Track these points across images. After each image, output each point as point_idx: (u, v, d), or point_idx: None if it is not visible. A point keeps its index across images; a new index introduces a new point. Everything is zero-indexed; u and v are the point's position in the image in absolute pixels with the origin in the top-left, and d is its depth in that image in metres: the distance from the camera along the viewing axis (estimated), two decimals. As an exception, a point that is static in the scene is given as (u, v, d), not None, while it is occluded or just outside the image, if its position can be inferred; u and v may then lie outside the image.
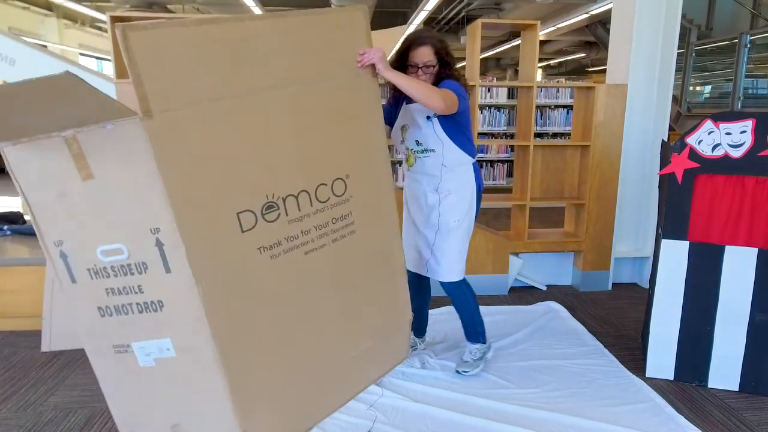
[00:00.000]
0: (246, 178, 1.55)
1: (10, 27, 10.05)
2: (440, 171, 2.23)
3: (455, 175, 2.24)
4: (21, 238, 3.23)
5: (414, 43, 2.15)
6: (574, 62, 17.93)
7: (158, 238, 1.43)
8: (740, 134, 2.14)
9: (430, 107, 2.01)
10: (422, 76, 2.13)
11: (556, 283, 3.70)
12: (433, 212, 2.27)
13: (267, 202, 1.58)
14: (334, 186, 1.74)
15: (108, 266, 1.49)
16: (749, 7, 7.66)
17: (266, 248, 1.60)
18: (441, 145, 2.18)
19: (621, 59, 3.45)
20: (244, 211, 1.54)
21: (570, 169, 3.60)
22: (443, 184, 2.24)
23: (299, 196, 1.65)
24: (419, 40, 2.14)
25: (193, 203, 1.44)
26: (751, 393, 2.28)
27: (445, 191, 2.25)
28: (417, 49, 2.14)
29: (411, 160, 2.30)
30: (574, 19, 9.97)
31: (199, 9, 11.28)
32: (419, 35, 2.19)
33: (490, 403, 2.16)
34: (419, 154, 2.25)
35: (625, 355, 2.62)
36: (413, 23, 10.58)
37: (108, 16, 3.01)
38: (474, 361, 2.42)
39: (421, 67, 2.13)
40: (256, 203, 1.56)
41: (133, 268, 1.48)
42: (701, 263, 2.26)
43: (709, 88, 8.37)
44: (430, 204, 2.28)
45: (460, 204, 2.26)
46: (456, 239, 2.28)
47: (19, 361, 2.56)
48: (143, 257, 1.46)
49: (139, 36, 1.31)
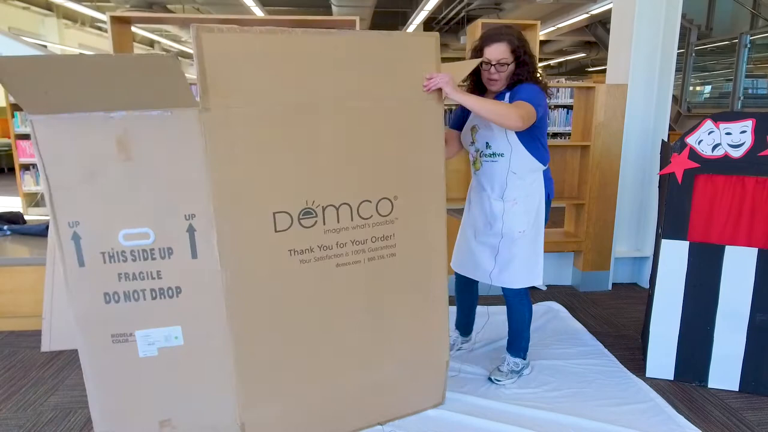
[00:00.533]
0: (288, 181, 1.58)
1: (10, 27, 10.05)
2: (507, 177, 2.12)
3: (524, 183, 2.12)
4: (21, 238, 3.23)
5: (489, 39, 2.04)
6: (574, 62, 17.93)
7: (191, 223, 1.50)
8: (740, 134, 2.14)
9: (507, 127, 1.92)
10: (495, 74, 2.03)
11: (556, 283, 3.70)
12: (497, 221, 2.17)
13: (305, 208, 1.61)
14: (379, 205, 1.72)
15: (127, 250, 1.51)
16: (749, 7, 7.66)
17: (297, 252, 1.62)
18: (510, 150, 2.08)
19: (621, 59, 3.45)
20: (281, 212, 1.58)
21: (570, 169, 3.60)
22: (509, 191, 2.13)
23: (340, 208, 1.66)
24: (495, 37, 2.03)
25: (232, 195, 1.50)
26: (751, 393, 2.28)
27: (511, 199, 2.14)
28: (491, 45, 2.02)
29: (478, 164, 2.20)
30: (574, 19, 9.97)
31: (199, 9, 11.28)
32: (496, 31, 2.06)
33: (490, 403, 2.16)
34: (487, 158, 2.15)
35: (625, 355, 2.62)
36: (413, 23, 10.57)
37: (108, 16, 3.01)
38: (509, 373, 2.35)
39: (495, 64, 2.02)
40: (294, 207, 1.60)
41: (155, 253, 1.51)
42: (701, 263, 2.26)
43: (709, 88, 8.37)
44: (495, 212, 2.17)
45: (527, 214, 2.14)
46: (520, 249, 2.17)
47: (19, 361, 2.56)
48: (170, 242, 1.51)
49: (210, 37, 1.40)
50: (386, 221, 1.75)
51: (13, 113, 5.89)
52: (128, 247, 1.50)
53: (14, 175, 6.14)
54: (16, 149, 5.91)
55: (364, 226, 1.71)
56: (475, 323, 2.63)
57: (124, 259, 1.51)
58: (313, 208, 1.63)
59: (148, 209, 1.49)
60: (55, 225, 1.47)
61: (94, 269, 1.51)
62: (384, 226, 1.74)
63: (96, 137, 1.42)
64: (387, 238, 1.75)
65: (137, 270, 1.52)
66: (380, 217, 1.73)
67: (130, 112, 1.41)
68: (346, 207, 1.67)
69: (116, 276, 1.52)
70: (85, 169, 1.45)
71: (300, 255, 1.64)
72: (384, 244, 1.76)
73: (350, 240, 1.70)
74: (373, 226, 1.72)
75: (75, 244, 1.49)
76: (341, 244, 1.69)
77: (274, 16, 3.44)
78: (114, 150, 1.43)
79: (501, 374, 2.35)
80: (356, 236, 1.70)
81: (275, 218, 1.58)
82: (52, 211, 1.46)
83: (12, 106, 5.90)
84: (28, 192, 6.07)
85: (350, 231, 1.69)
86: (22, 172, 5.98)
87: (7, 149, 9.15)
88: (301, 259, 1.64)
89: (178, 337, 1.57)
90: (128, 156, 1.44)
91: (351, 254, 1.71)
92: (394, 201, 1.74)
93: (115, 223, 1.49)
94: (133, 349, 1.57)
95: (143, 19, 3.78)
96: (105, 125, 1.41)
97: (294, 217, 1.61)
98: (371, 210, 1.72)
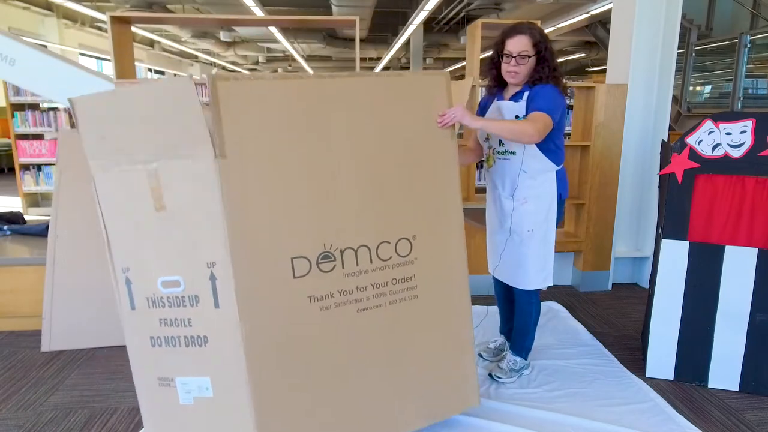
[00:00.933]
0: (305, 226, 1.56)
1: (10, 27, 10.05)
2: (518, 176, 2.12)
3: (535, 182, 2.12)
4: (21, 238, 3.23)
5: (511, 31, 2.05)
6: (574, 62, 17.92)
7: (213, 272, 1.48)
8: (740, 134, 2.14)
9: (526, 143, 1.96)
10: (515, 66, 2.03)
11: (556, 283, 3.69)
12: (507, 219, 2.19)
13: (323, 252, 1.58)
14: (398, 245, 1.70)
15: (165, 297, 1.54)
16: (749, 7, 7.66)
17: (317, 298, 1.59)
18: (522, 149, 2.08)
19: (621, 59, 3.45)
20: (299, 257, 1.55)
21: (570, 169, 3.60)
22: (520, 190, 2.14)
23: (358, 250, 1.63)
24: (517, 29, 2.05)
25: (250, 242, 1.48)
26: (751, 393, 2.28)
27: (521, 198, 2.14)
28: (514, 37, 2.04)
29: (491, 161, 2.21)
30: (574, 19, 9.96)
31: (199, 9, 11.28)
32: (518, 24, 2.08)
33: (490, 403, 2.16)
34: (500, 155, 2.15)
35: (625, 355, 2.62)
36: (413, 23, 10.57)
37: (108, 16, 3.02)
38: (510, 371, 2.35)
39: (516, 56, 2.02)
40: (312, 251, 1.57)
41: (186, 301, 1.53)
42: (701, 263, 2.26)
43: (709, 88, 8.36)
44: (505, 210, 2.20)
45: (536, 213, 2.14)
46: (529, 249, 2.17)
47: (19, 361, 2.56)
48: (196, 290, 1.51)
49: (226, 86, 1.42)
50: (406, 262, 1.71)
51: (13, 113, 5.89)
52: (165, 293, 1.54)
53: (14, 175, 6.14)
54: (16, 149, 5.90)
55: (383, 267, 1.68)
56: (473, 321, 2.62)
57: (163, 305, 1.55)
58: (332, 252, 1.60)
59: (177, 257, 1.52)
60: (113, 270, 1.59)
61: (142, 313, 1.57)
62: (404, 267, 1.71)
63: (137, 190, 1.51)
64: (408, 279, 1.72)
65: (173, 316, 1.55)
66: (400, 258, 1.70)
67: (162, 162, 1.47)
68: (365, 249, 1.65)
69: (158, 321, 1.56)
70: (132, 220, 1.54)
71: (320, 302, 1.60)
72: (405, 285, 1.72)
73: (370, 283, 1.66)
74: (393, 268, 1.69)
75: (127, 288, 1.57)
76: (361, 288, 1.65)
77: (274, 17, 3.44)
78: (150, 200, 1.50)
79: (501, 371, 2.35)
80: (376, 279, 1.67)
81: (293, 264, 1.55)
82: (110, 257, 1.58)
83: (12, 106, 5.90)
84: (28, 192, 6.07)
85: (370, 274, 1.66)
86: (22, 172, 5.98)
87: (7, 149, 9.15)
88: (321, 306, 1.60)
89: (208, 389, 1.56)
90: (162, 205, 1.50)
91: (372, 298, 1.67)
92: (413, 240, 1.72)
93: (155, 270, 1.54)
94: (175, 394, 1.59)
95: (143, 19, 3.79)
96: (144, 178, 1.50)
97: (312, 261, 1.58)
98: (390, 251, 1.69)
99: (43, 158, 5.94)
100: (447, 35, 13.66)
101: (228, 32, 14.37)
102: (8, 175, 9.26)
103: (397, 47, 14.04)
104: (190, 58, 20.15)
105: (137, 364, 1.63)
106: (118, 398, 2.23)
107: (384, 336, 1.71)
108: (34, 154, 5.92)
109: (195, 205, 1.48)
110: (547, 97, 1.99)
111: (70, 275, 2.69)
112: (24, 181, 6.01)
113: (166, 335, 1.56)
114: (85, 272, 2.70)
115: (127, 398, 2.23)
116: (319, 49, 15.67)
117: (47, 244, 2.71)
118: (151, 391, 1.62)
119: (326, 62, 20.56)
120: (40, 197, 6.33)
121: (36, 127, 5.96)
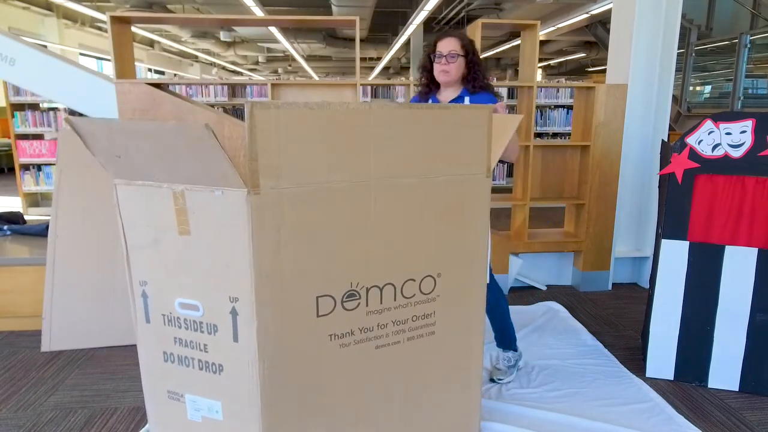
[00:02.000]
0: (333, 264, 1.51)
1: (10, 27, 10.05)
2: None
3: None
4: (21, 238, 3.23)
5: (441, 35, 2.28)
6: (574, 62, 17.92)
7: (235, 306, 1.45)
8: (740, 134, 2.14)
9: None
10: (445, 65, 2.23)
11: (556, 283, 3.70)
12: None
13: (349, 290, 1.54)
14: (422, 283, 1.66)
15: (181, 318, 1.53)
16: (749, 7, 7.66)
17: (338, 336, 1.55)
18: None
19: (621, 59, 3.45)
20: (324, 296, 1.51)
21: (570, 169, 3.60)
22: None
23: (384, 288, 1.59)
24: (446, 33, 2.28)
25: (276, 281, 1.43)
26: (751, 393, 2.28)
27: None
28: (443, 39, 2.26)
29: None
30: (574, 19, 9.96)
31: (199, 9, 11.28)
32: (446, 30, 2.35)
33: (490, 403, 2.16)
34: None
35: (625, 355, 2.62)
36: (413, 23, 10.57)
37: (108, 16, 3.01)
38: (508, 369, 2.38)
39: (446, 55, 2.23)
40: (339, 290, 1.52)
41: (203, 327, 1.51)
42: (701, 263, 2.26)
43: (709, 88, 8.37)
44: None
45: None
46: None
47: (19, 361, 2.56)
48: (216, 320, 1.49)
49: (264, 114, 1.33)
50: (428, 299, 1.68)
51: (13, 113, 5.89)
52: (182, 315, 1.52)
53: (14, 175, 6.14)
54: (16, 149, 5.91)
55: (406, 305, 1.64)
56: None
57: (179, 326, 1.53)
58: (357, 290, 1.55)
59: (198, 283, 1.49)
60: (130, 281, 1.56)
61: (156, 327, 1.56)
62: (426, 304, 1.68)
63: (161, 207, 1.47)
64: (428, 316, 1.69)
65: (188, 338, 1.54)
66: (422, 296, 1.67)
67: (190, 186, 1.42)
68: (390, 287, 1.61)
69: (173, 339, 1.55)
70: (152, 234, 1.50)
71: (340, 339, 1.56)
72: (425, 322, 1.69)
73: (392, 320, 1.63)
74: (415, 305, 1.66)
75: (143, 301, 1.55)
76: (382, 326, 1.62)
77: (275, 17, 3.44)
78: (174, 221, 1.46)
79: (501, 372, 2.36)
80: (397, 316, 1.64)
81: (318, 302, 1.51)
82: (128, 268, 1.55)
83: (12, 106, 5.90)
84: (28, 192, 6.07)
85: (392, 311, 1.63)
86: (22, 172, 5.98)
87: (7, 149, 9.15)
88: (341, 343, 1.56)
89: (218, 412, 1.56)
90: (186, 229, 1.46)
91: (391, 335, 1.64)
92: (437, 278, 1.68)
93: (173, 290, 1.51)
94: (183, 409, 1.58)
95: (143, 19, 3.79)
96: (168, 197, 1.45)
97: (337, 300, 1.53)
98: (414, 289, 1.65)
99: (43, 158, 5.94)
100: (447, 35, 13.64)
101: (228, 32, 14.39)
102: (8, 175, 9.26)
103: (397, 47, 14.04)
104: (190, 58, 20.15)
105: (148, 373, 1.62)
106: (118, 398, 2.23)
107: (399, 370, 1.69)
108: (34, 154, 5.93)
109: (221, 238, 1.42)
110: (488, 101, 2.23)
111: (70, 275, 2.69)
112: (24, 181, 6.01)
113: (180, 354, 1.55)
114: (85, 272, 2.71)
115: (127, 398, 2.23)
116: (319, 49, 15.68)
117: (47, 244, 2.71)
118: (160, 401, 1.62)
119: (326, 62, 20.57)
120: (40, 197, 6.33)
121: (36, 127, 5.97)
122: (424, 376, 1.74)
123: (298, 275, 1.46)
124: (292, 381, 1.53)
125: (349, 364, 1.59)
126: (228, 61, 20.17)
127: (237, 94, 6.96)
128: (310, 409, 1.58)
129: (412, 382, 1.72)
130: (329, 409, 1.61)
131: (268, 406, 1.50)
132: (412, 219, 1.61)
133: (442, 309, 1.71)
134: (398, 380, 1.69)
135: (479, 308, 1.80)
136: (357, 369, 1.61)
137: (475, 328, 1.80)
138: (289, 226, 1.42)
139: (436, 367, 1.76)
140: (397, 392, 1.71)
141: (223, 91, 6.90)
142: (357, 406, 1.65)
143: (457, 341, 1.78)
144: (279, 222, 1.40)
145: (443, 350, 1.75)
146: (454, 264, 1.71)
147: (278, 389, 1.51)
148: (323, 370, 1.56)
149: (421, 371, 1.73)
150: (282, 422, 1.54)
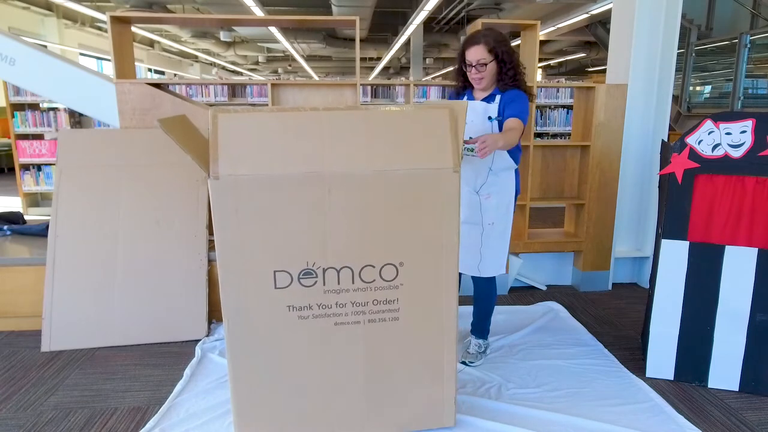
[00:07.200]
0: (290, 244, 1.70)
1: (10, 27, 10.05)
2: (486, 174, 2.29)
3: (498, 179, 2.30)
4: (21, 238, 3.23)
5: (468, 43, 2.24)
6: (574, 62, 17.92)
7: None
8: (740, 134, 2.14)
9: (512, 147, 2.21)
10: (477, 74, 2.22)
11: (556, 283, 3.70)
12: (475, 212, 2.33)
13: (305, 269, 1.72)
14: (383, 270, 1.77)
15: None
16: (749, 7, 7.66)
17: (296, 308, 1.75)
18: None
19: (621, 59, 3.45)
20: (282, 271, 1.71)
21: (570, 169, 3.60)
22: (485, 187, 2.30)
23: (341, 271, 1.74)
24: (472, 39, 2.23)
25: (237, 253, 1.67)
26: (751, 393, 2.28)
27: (485, 194, 2.31)
28: (470, 48, 2.23)
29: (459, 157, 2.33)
30: (574, 19, 9.96)
31: (199, 9, 11.28)
32: (474, 34, 2.25)
33: (490, 403, 2.16)
34: (468, 152, 2.25)
35: (625, 355, 2.62)
36: (413, 23, 10.57)
37: (108, 16, 3.01)
38: (479, 354, 2.51)
39: (475, 65, 2.21)
40: (295, 267, 1.72)
41: None
42: (701, 263, 2.26)
43: (709, 88, 8.36)
44: (472, 204, 2.32)
45: (498, 207, 2.32)
46: (490, 240, 2.34)
47: (19, 361, 2.56)
48: None
49: (224, 117, 1.63)
50: (390, 286, 1.78)
51: (13, 113, 5.89)
52: None
53: (14, 175, 6.14)
54: (16, 149, 5.90)
55: (365, 289, 1.77)
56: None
57: None
58: (314, 269, 1.72)
59: None
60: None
61: None
62: (388, 290, 1.79)
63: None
64: (390, 302, 1.79)
65: None
66: (384, 282, 1.78)
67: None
68: (348, 270, 1.74)
69: None
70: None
71: (299, 311, 1.74)
72: (387, 307, 1.80)
73: (350, 301, 1.76)
74: (375, 290, 1.78)
75: None
76: (341, 305, 1.76)
77: (275, 17, 3.43)
78: None
79: (472, 356, 2.50)
80: (356, 298, 1.77)
81: (275, 276, 1.70)
82: None
83: (12, 106, 5.90)
84: (28, 192, 6.07)
85: (351, 293, 1.76)
86: (22, 172, 5.98)
87: (7, 149, 9.15)
88: (299, 315, 1.74)
89: None
90: None
91: (350, 314, 1.78)
92: (400, 267, 1.77)
93: None
94: None
95: (143, 19, 3.79)
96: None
97: (294, 276, 1.71)
98: (374, 274, 1.76)
99: (43, 158, 5.94)
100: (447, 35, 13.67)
101: (228, 32, 14.39)
102: (8, 175, 9.26)
103: (397, 47, 14.04)
104: (190, 58, 20.14)
105: None
106: (118, 398, 2.23)
107: (359, 348, 1.81)
108: (34, 154, 5.92)
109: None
110: (519, 103, 2.20)
111: (70, 275, 2.69)
112: (24, 181, 6.00)
113: None
114: (85, 272, 2.71)
115: (127, 398, 2.23)
116: (319, 49, 15.67)
117: (47, 244, 2.72)
118: None
119: (326, 62, 20.57)
120: (40, 197, 6.33)
121: (36, 127, 5.97)
122: (388, 359, 1.85)
123: (257, 250, 1.68)
124: (253, 338, 1.74)
125: (310, 335, 1.77)
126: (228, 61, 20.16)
127: (237, 94, 6.95)
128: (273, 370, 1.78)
129: (374, 361, 1.83)
130: (292, 372, 1.79)
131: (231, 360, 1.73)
132: (369, 209, 1.73)
133: (407, 297, 1.81)
134: (359, 357, 1.82)
135: (450, 300, 1.85)
136: (317, 340, 1.78)
137: (447, 320, 1.86)
138: (247, 207, 1.65)
139: (402, 353, 1.85)
140: (361, 369, 1.83)
141: (223, 91, 6.90)
142: (321, 373, 1.81)
143: (425, 331, 1.86)
144: (236, 203, 1.63)
145: (409, 338, 1.84)
146: (417, 255, 1.79)
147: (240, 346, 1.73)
148: (283, 336, 1.76)
149: (384, 354, 1.84)
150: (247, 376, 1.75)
